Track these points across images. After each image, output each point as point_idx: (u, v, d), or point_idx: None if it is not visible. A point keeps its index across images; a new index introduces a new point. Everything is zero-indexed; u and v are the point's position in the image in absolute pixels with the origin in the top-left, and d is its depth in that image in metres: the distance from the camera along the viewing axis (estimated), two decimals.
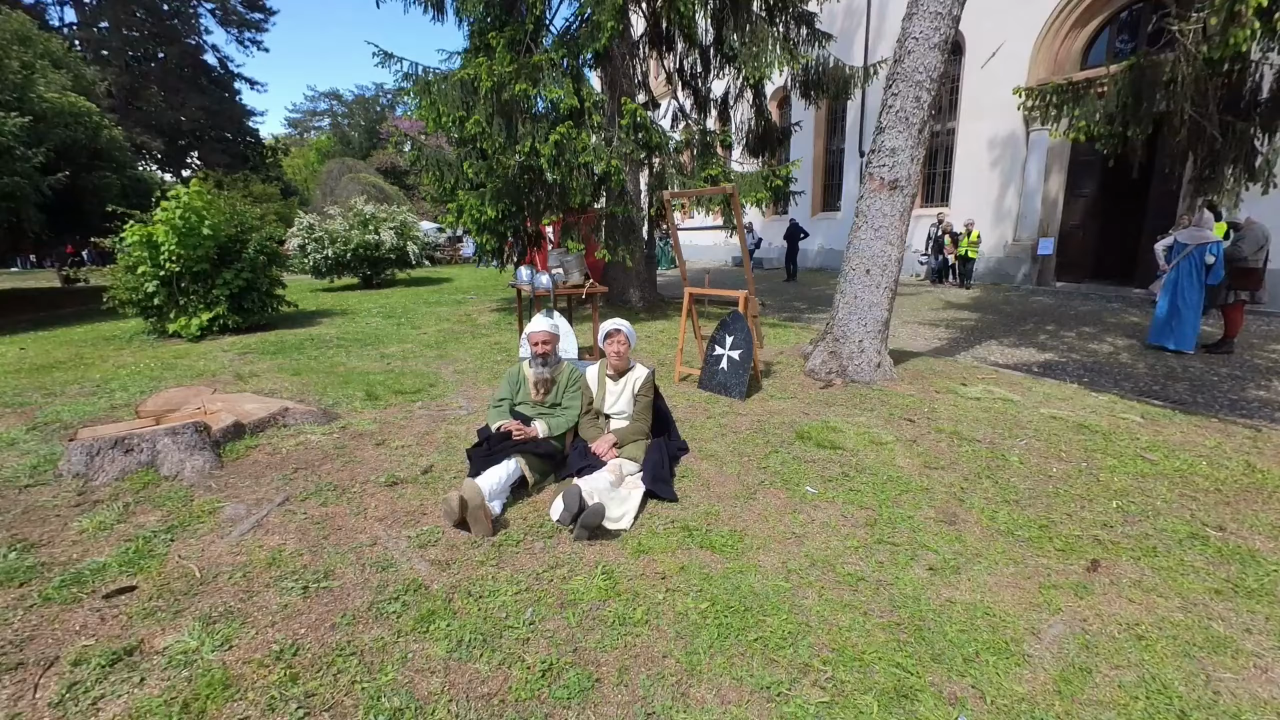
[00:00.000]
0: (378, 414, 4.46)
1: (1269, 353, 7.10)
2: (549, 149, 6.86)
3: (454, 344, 7.47)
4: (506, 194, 7.60)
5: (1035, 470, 3.57)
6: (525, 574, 2.45)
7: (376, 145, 37.99)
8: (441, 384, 5.47)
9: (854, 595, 2.36)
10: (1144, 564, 2.60)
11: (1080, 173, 12.96)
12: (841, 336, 5.42)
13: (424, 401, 4.84)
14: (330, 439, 3.86)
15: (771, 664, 1.98)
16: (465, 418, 4.44)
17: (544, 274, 5.47)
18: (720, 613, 2.22)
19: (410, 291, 13.77)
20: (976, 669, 1.98)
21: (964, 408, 4.73)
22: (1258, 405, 5.20)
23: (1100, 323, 9.38)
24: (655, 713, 1.79)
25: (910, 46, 4.60)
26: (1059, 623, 2.22)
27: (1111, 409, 4.77)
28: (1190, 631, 2.18)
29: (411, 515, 2.91)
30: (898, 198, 4.92)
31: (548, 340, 3.58)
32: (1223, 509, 3.09)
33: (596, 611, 2.23)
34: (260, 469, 3.39)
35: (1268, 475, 3.48)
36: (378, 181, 20.08)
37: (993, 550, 2.70)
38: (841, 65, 9.64)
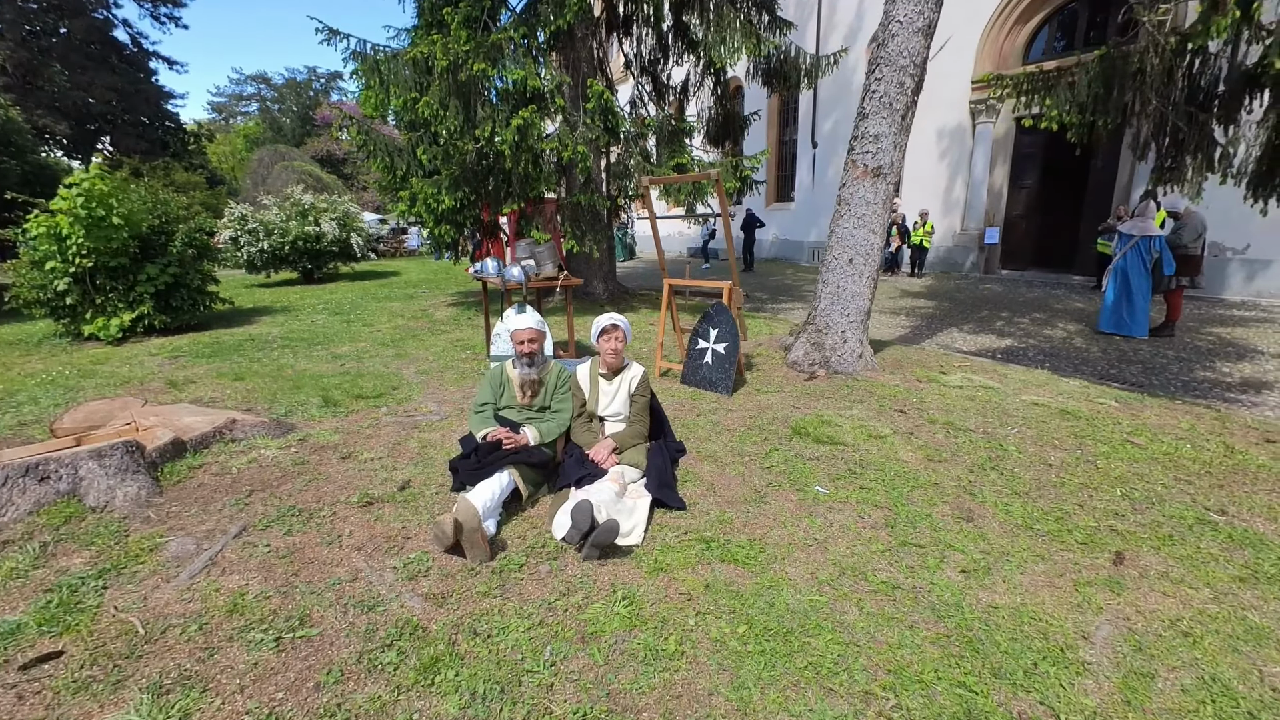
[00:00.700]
0: (339, 422, 4.03)
1: (1207, 335, 7.51)
2: (510, 134, 6.46)
3: (412, 342, 7.00)
4: (465, 181, 7.15)
5: (1035, 459, 3.54)
6: (535, 604, 2.18)
7: (311, 132, 35.80)
8: (405, 386, 5.05)
9: (894, 606, 2.21)
10: (1164, 553, 2.57)
11: (1022, 164, 13.47)
12: (824, 327, 5.33)
13: (389, 406, 4.44)
14: (288, 454, 3.43)
15: (830, 694, 1.79)
16: (438, 423, 4.08)
17: (514, 266, 5.12)
18: (760, 637, 2.02)
19: (356, 286, 12.98)
20: (1039, 682, 1.86)
21: (950, 397, 4.72)
22: (1208, 386, 5.44)
23: (1049, 309, 9.75)
24: None
25: (894, 30, 4.50)
26: (1104, 623, 2.13)
27: (1086, 394, 4.86)
28: (1229, 624, 2.13)
29: (394, 541, 2.58)
30: (880, 185, 4.84)
31: (534, 338, 3.28)
32: (1217, 492, 3.13)
33: (623, 644, 1.99)
34: (208, 494, 2.95)
35: (1247, 456, 3.58)
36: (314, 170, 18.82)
37: (1018, 547, 2.61)
38: (803, 54, 9.59)
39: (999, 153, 13.55)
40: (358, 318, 8.59)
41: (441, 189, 6.99)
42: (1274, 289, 9.11)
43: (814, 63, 9.67)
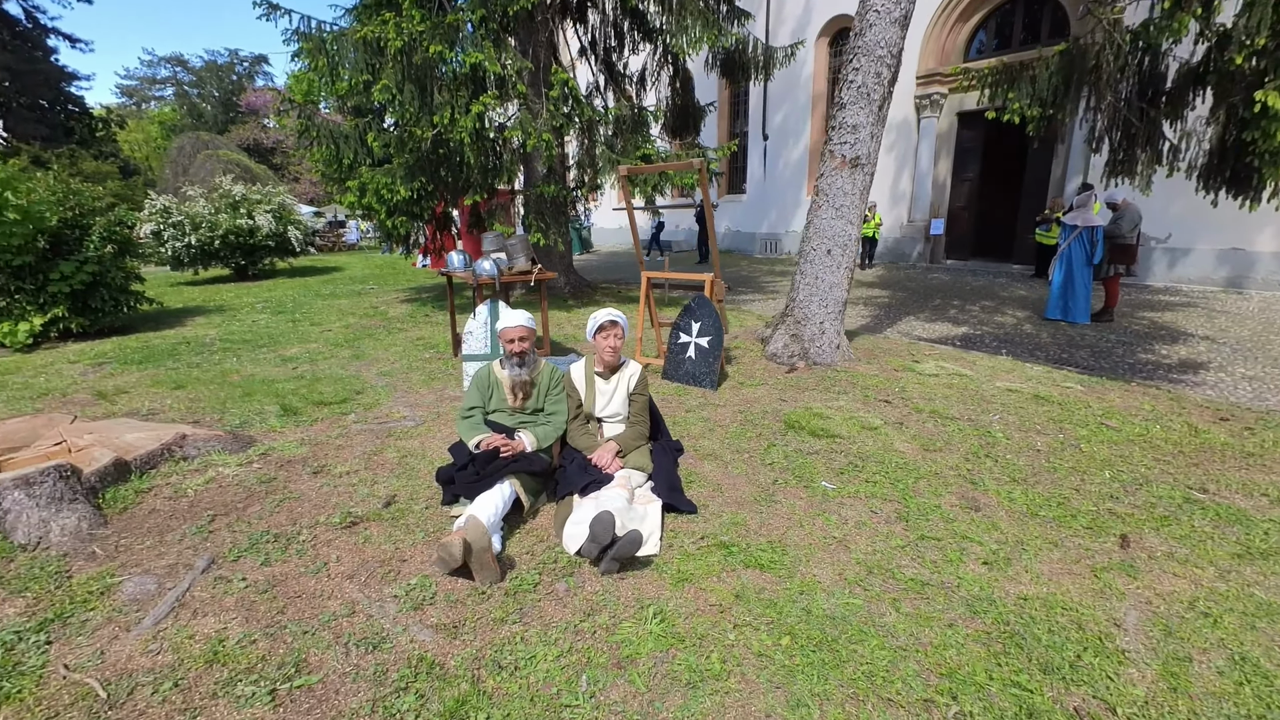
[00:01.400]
0: (304, 433, 3.69)
1: (1141, 320, 8.00)
2: (470, 120, 6.12)
3: (368, 341, 6.58)
4: (421, 170, 6.74)
5: (1023, 445, 3.62)
6: (559, 628, 2.00)
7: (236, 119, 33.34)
8: (370, 390, 4.70)
9: (928, 604, 2.17)
10: (1164, 534, 2.65)
11: (964, 158, 14.02)
12: (803, 319, 5.32)
13: (357, 413, 4.10)
14: (251, 471, 3.09)
15: (890, 705, 1.71)
16: (414, 430, 3.80)
17: (485, 260, 4.84)
18: (805, 648, 1.92)
19: (297, 283, 12.17)
20: (1086, 675, 1.84)
21: (929, 385, 4.79)
22: (1152, 367, 5.77)
23: (995, 297, 10.18)
24: None
25: (871, 20, 4.49)
26: (1130, 609, 2.15)
27: (1051, 379, 5.05)
28: (1240, 601, 2.19)
29: (388, 565, 2.33)
30: (859, 176, 4.84)
31: (525, 336, 3.06)
32: (1194, 471, 3.27)
33: (663, 667, 1.85)
34: (163, 522, 2.60)
35: (1210, 435, 3.77)
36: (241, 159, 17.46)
37: (1029, 536, 2.63)
38: (760, 45, 9.59)
39: (942, 146, 14.05)
40: (304, 316, 8.02)
41: (396, 178, 6.57)
42: (1193, 275, 9.82)
43: (771, 54, 9.69)
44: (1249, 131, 3.68)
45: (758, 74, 9.84)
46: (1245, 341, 6.65)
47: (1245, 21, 3.35)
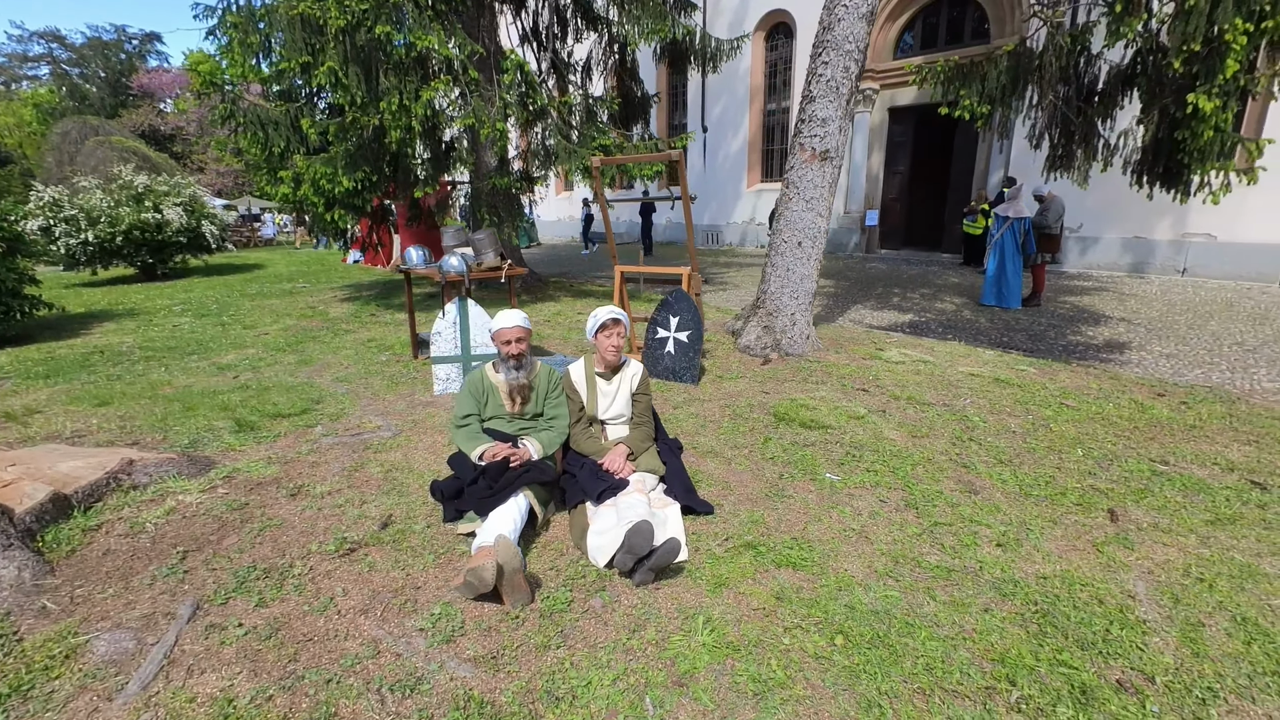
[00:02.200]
0: (267, 450, 3.34)
1: (1064, 304, 8.65)
2: (421, 108, 5.76)
3: (313, 345, 6.10)
4: (364, 160, 6.29)
5: (1000, 427, 3.80)
6: (607, 649, 1.90)
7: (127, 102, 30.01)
8: (330, 399, 4.34)
9: (960, 590, 2.21)
10: (1144, 506, 2.84)
11: (895, 152, 14.67)
12: (775, 310, 5.37)
13: (324, 424, 3.77)
14: (217, 497, 2.75)
15: (956, 696, 1.72)
16: (393, 441, 3.53)
17: (452, 255, 4.56)
18: (858, 647, 1.91)
19: (215, 282, 11.15)
20: (1119, 648, 1.93)
21: (898, 372, 4.96)
22: (1083, 348, 6.24)
23: (931, 284, 10.73)
24: None
25: (840, 14, 4.55)
26: (1137, 580, 2.29)
27: (1005, 362, 5.35)
28: (1224, 565, 2.38)
29: (402, 594, 2.14)
30: (828, 168, 4.92)
31: (521, 337, 2.90)
32: (1152, 445, 3.54)
33: (725, 680, 1.79)
34: (124, 564, 2.26)
35: (1154, 410, 4.10)
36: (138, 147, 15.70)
37: (1030, 516, 2.75)
38: (709, 37, 9.60)
39: (875, 140, 14.64)
40: (233, 319, 7.34)
41: (337, 168, 6.09)
42: (1102, 262, 10.73)
43: (718, 47, 9.73)
44: (1181, 131, 4.00)
45: (704, 66, 9.85)
46: (1155, 322, 7.33)
47: (1183, 28, 3.63)
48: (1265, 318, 7.31)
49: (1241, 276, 9.30)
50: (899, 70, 13.68)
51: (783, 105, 16.72)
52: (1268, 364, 5.46)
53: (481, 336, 4.63)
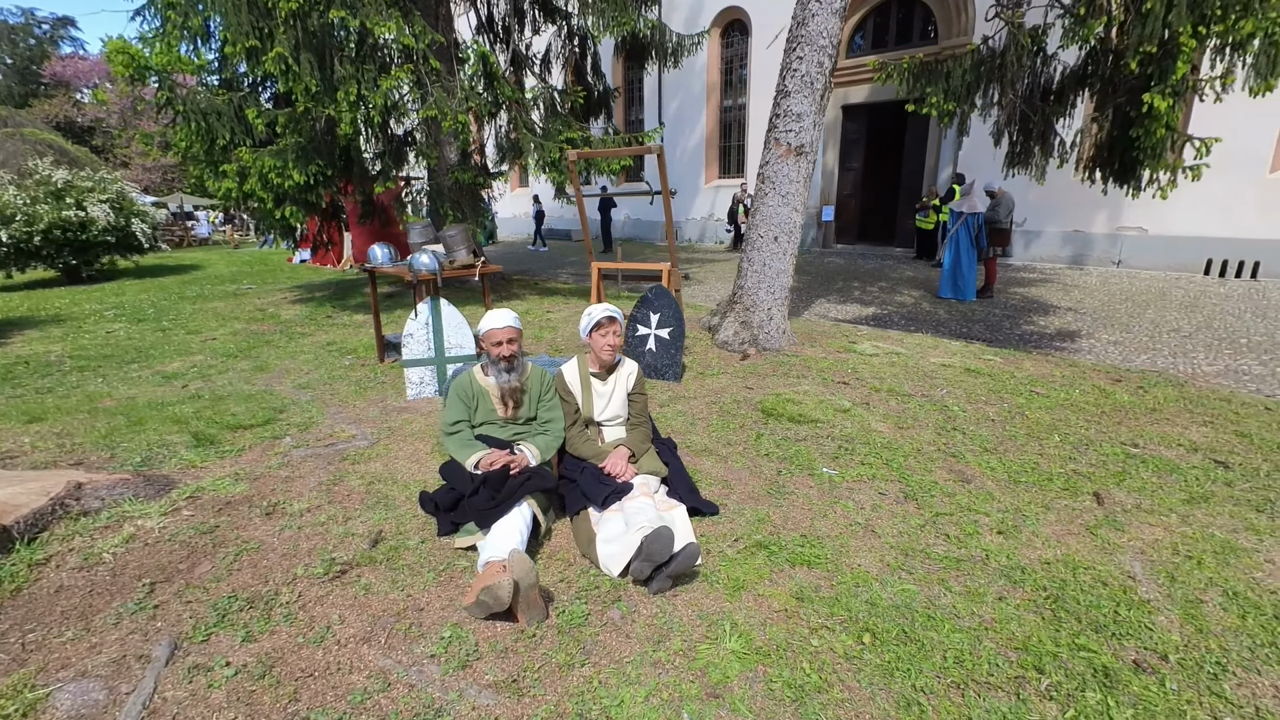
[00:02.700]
0: (232, 465, 3.08)
1: (1014, 295, 9.04)
2: (380, 98, 5.47)
3: (267, 350, 5.73)
4: (318, 153, 5.94)
5: (979, 416, 3.90)
6: (635, 663, 1.81)
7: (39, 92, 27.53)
8: (295, 407, 4.07)
9: (972, 580, 2.23)
10: (1125, 488, 2.95)
11: (849, 149, 15.02)
12: (751, 305, 5.38)
13: (292, 435, 3.52)
14: (182, 520, 2.51)
15: (989, 688, 1.72)
16: (369, 451, 3.33)
17: (422, 253, 4.35)
18: (886, 644, 1.89)
19: (149, 284, 10.37)
20: (1129, 628, 1.98)
21: (874, 365, 5.05)
22: (1037, 337, 6.53)
23: (888, 278, 11.04)
24: None
25: (814, 10, 4.56)
26: (1133, 560, 2.36)
27: (971, 352, 5.53)
28: (1208, 542, 2.49)
29: (405, 618, 1.99)
30: (803, 163, 4.95)
31: (513, 338, 2.77)
32: (1120, 429, 3.71)
33: (760, 688, 1.73)
34: (81, 601, 2.02)
35: (1116, 396, 4.30)
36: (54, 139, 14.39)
37: (1022, 502, 2.82)
38: (670, 32, 9.56)
39: (829, 137, 14.93)
40: (175, 324, 6.82)
41: (288, 161, 5.72)
42: (1045, 255, 11.28)
43: (680, 42, 9.70)
44: (1135, 129, 4.20)
45: (666, 60, 9.81)
46: (1099, 311, 7.74)
47: (1140, 30, 3.80)
48: (1195, 305, 7.84)
49: (1170, 267, 9.95)
50: (851, 69, 13.99)
51: (739, 102, 16.87)
52: (1204, 349, 5.84)
53: (456, 338, 4.44)
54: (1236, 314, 7.29)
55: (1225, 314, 7.31)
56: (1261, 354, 5.61)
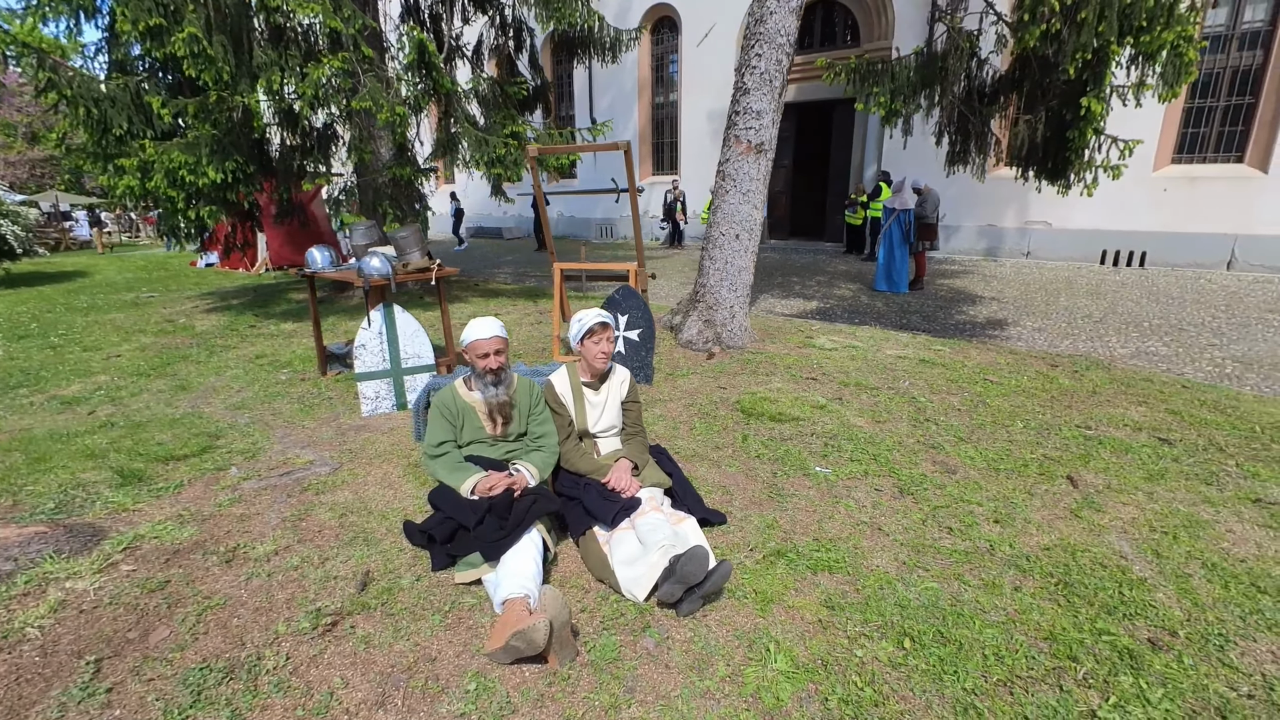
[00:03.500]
0: (172, 505, 2.68)
1: (941, 287, 9.57)
2: (307, 88, 4.99)
3: (185, 366, 5.13)
4: (237, 148, 5.36)
5: (945, 406, 4.05)
6: (682, 696, 1.70)
7: None
8: (231, 431, 3.63)
9: (984, 572, 2.28)
10: (1093, 469, 3.14)
11: (780, 146, 15.32)
12: (714, 304, 5.36)
13: (238, 465, 3.12)
14: (124, 578, 2.13)
15: (1033, 684, 1.74)
16: (333, 478, 3.01)
17: (373, 256, 3.99)
18: (926, 648, 1.88)
19: (28, 295, 9.06)
20: (1135, 607, 2.08)
21: (836, 359, 5.15)
22: (971, 326, 6.93)
23: (824, 272, 11.42)
24: None
25: (772, 8, 4.57)
26: (1120, 540, 2.50)
27: (920, 343, 5.77)
28: (1175, 517, 2.67)
29: (417, 672, 1.77)
30: (763, 161, 4.97)
31: (500, 349, 2.57)
32: (1071, 412, 3.95)
33: (816, 708, 1.67)
34: (7, 692, 1.65)
35: (1059, 381, 4.60)
36: None
37: (1007, 489, 2.93)
38: (607, 26, 9.40)
39: None
40: (66, 340, 5.97)
41: (202, 157, 5.11)
42: (963, 248, 12.05)
43: (618, 37, 9.56)
44: (1071, 130, 4.50)
45: (604, 55, 9.64)
46: (1018, 300, 8.33)
47: (1075, 39, 4.06)
48: (1098, 293, 8.60)
49: (1071, 258, 10.89)
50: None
51: (670, 99, 16.94)
52: (1115, 333, 6.40)
53: (412, 347, 4.13)
54: (1134, 299, 8.07)
55: (1125, 300, 8.06)
56: (1164, 336, 6.21)
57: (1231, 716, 1.64)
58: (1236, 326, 6.54)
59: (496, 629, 1.76)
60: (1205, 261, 9.58)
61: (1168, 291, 8.48)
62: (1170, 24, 3.81)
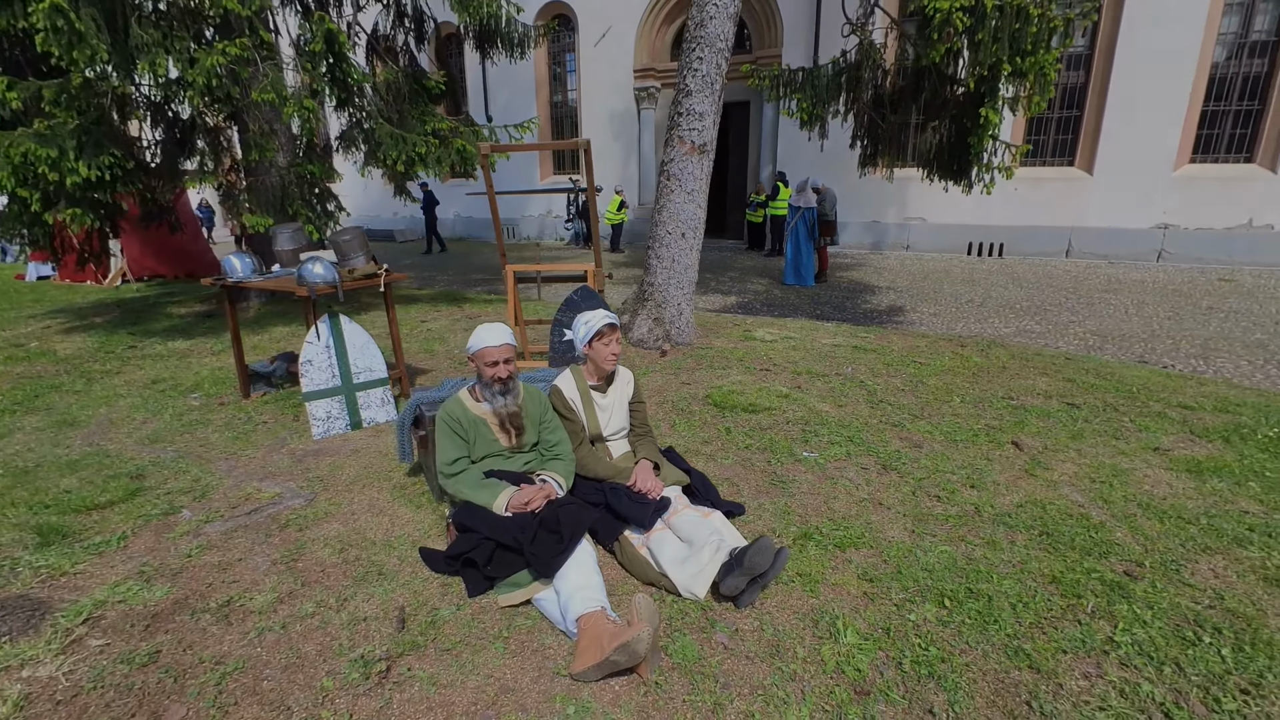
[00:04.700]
0: (125, 561, 2.26)
1: (843, 279, 10.37)
2: (199, 75, 4.38)
3: (60, 398, 4.33)
4: (113, 140, 4.58)
5: (890, 388, 4.43)
6: (777, 683, 1.75)
7: None
8: (156, 469, 3.13)
9: (981, 532, 2.55)
10: (1028, 432, 3.59)
11: None
12: (663, 301, 5.44)
13: (190, 506, 2.70)
14: (97, 655, 1.76)
15: (1060, 622, 1.98)
16: (313, 510, 2.70)
17: (314, 263, 3.60)
18: (963, 604, 2.08)
19: None
20: (1106, 547, 2.42)
21: (780, 350, 5.44)
22: (877, 314, 7.62)
23: (735, 269, 11.94)
24: None
25: (711, 13, 4.71)
26: (1072, 492, 2.89)
27: (845, 332, 6.25)
28: (1104, 469, 3.13)
29: (504, 705, 1.66)
30: (705, 161, 5.12)
31: (509, 356, 2.46)
32: (993, 386, 4.48)
33: (896, 672, 1.79)
34: None
35: (972, 360, 5.18)
36: None
37: (968, 457, 3.28)
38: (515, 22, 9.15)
39: (661, 136, 15.63)
40: None
41: (68, 150, 4.30)
42: (853, 243, 13.11)
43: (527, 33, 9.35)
44: (971, 136, 5.09)
45: (513, 51, 9.39)
46: (910, 289, 9.26)
47: (974, 57, 4.60)
48: (972, 281, 9.77)
49: (944, 250, 12.25)
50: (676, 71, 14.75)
51: (569, 98, 16.81)
52: (996, 315, 7.33)
53: (363, 360, 3.81)
54: (1002, 285, 9.27)
55: (995, 286, 9.25)
56: (1034, 316, 7.21)
57: (1204, 625, 1.97)
58: (1085, 305, 7.75)
59: (585, 646, 1.70)
60: (1049, 251, 11.22)
61: (1025, 277, 9.84)
62: (1048, 49, 4.44)
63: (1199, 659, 1.82)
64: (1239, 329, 6.38)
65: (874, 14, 6.02)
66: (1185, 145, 9.99)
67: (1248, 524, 2.58)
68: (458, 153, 6.35)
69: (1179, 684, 1.74)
